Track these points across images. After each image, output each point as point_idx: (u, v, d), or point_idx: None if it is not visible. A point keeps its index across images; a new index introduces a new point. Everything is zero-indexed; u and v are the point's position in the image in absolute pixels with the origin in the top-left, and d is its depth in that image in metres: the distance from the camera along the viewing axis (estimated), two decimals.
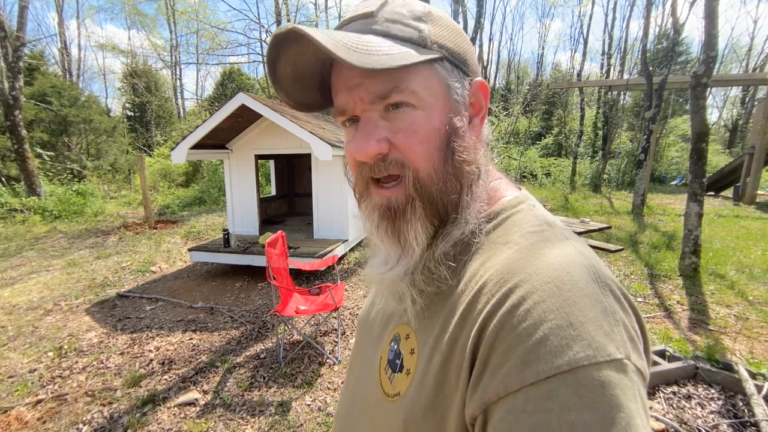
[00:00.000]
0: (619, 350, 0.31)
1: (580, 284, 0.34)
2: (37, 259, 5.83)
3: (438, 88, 0.43)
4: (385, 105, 0.42)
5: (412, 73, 0.41)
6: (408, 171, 0.43)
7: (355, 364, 0.61)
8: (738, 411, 2.13)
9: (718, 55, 4.92)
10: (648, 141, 9.45)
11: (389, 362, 0.48)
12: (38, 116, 12.94)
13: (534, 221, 0.44)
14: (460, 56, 0.45)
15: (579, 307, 0.32)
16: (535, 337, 0.32)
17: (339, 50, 0.36)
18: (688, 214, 4.80)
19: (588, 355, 0.30)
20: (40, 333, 3.46)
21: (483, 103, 0.47)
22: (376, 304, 0.58)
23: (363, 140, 0.43)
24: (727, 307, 3.90)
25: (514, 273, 0.37)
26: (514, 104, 19.40)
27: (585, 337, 0.31)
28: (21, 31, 9.52)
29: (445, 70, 0.43)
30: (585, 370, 0.30)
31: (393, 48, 0.40)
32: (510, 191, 0.50)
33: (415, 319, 0.46)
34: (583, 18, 24.01)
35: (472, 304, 0.39)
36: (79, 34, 25.84)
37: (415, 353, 0.44)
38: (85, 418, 2.33)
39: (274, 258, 2.96)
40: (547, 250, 0.39)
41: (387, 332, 0.52)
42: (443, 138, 0.43)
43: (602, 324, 0.32)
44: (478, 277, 0.41)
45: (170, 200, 11.96)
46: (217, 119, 4.92)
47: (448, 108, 0.44)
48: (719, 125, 30.37)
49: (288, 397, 2.50)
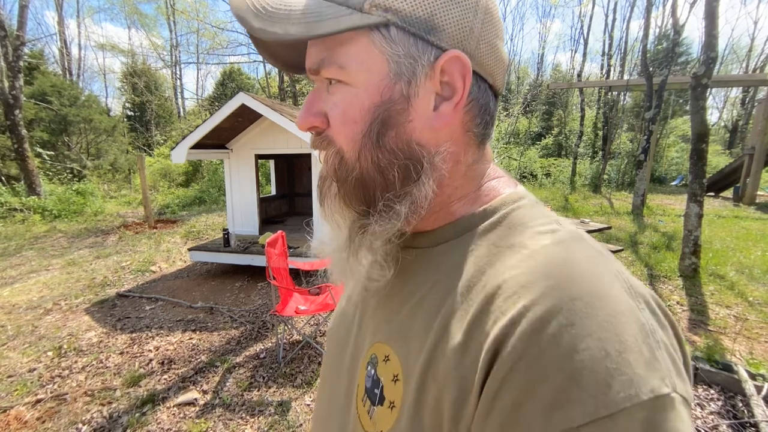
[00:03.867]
0: (665, 382, 0.25)
1: (613, 300, 0.28)
2: (37, 258, 5.83)
3: (375, 62, 0.35)
4: (321, 76, 0.38)
5: (345, 43, 0.35)
6: (332, 150, 0.39)
7: (323, 386, 0.50)
8: (737, 412, 2.14)
9: (718, 56, 4.93)
10: (648, 141, 9.46)
11: (366, 392, 0.39)
12: (38, 115, 12.95)
13: (542, 218, 0.37)
14: (423, 21, 0.34)
15: (615, 331, 0.26)
16: (564, 372, 0.25)
17: (248, 14, 0.33)
18: (688, 215, 4.80)
19: (630, 394, 0.24)
20: (39, 332, 3.46)
21: (458, 83, 0.36)
22: (350, 314, 0.49)
23: (303, 111, 0.39)
24: (726, 307, 3.90)
25: (531, 285, 0.30)
26: (514, 104, 19.41)
27: (625, 370, 0.25)
28: (21, 30, 9.53)
29: (388, 40, 0.35)
30: (628, 415, 0.24)
31: (320, 12, 0.33)
32: (506, 187, 0.42)
33: (395, 333, 0.38)
34: (583, 18, 24.00)
35: (476, 323, 0.31)
36: (79, 34, 25.90)
37: (400, 381, 0.35)
38: (85, 417, 2.33)
39: (274, 258, 2.96)
40: (565, 254, 0.32)
41: (362, 352, 0.42)
42: (371, 122, 0.36)
43: (642, 350, 0.26)
44: (479, 288, 0.33)
45: (170, 200, 11.96)
46: (217, 119, 4.92)
47: (384, 86, 0.36)
48: (719, 126, 30.38)
49: (288, 397, 2.50)
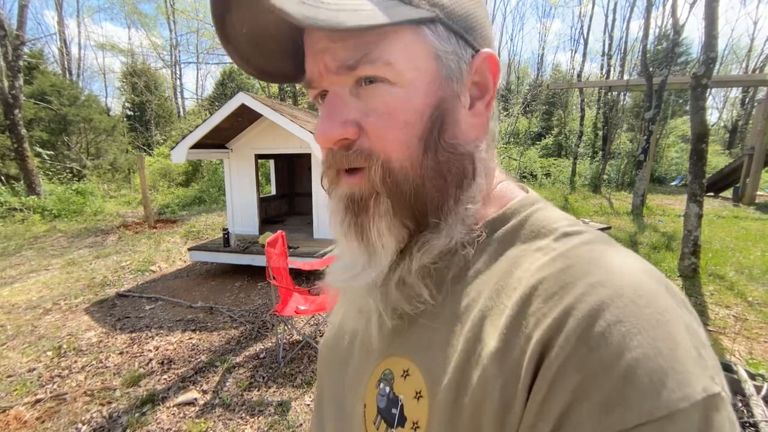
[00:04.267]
0: (714, 381, 0.25)
1: (656, 296, 0.27)
2: (37, 258, 5.83)
3: (424, 60, 0.33)
4: (356, 78, 0.33)
5: (389, 37, 0.32)
6: (375, 162, 0.34)
7: (324, 411, 0.47)
8: (737, 412, 2.14)
9: (718, 56, 4.93)
10: (648, 141, 9.46)
11: (380, 412, 0.36)
12: (38, 115, 12.94)
13: (564, 221, 0.35)
14: (463, 19, 0.34)
15: (665, 328, 0.25)
16: (617, 370, 0.24)
17: (288, 3, 0.28)
18: (687, 215, 4.80)
19: (686, 394, 0.23)
20: (39, 332, 3.46)
21: (490, 82, 0.37)
22: (345, 337, 0.45)
23: (326, 121, 0.34)
24: (726, 307, 3.90)
25: (571, 284, 0.28)
26: (514, 104, 19.41)
27: (678, 369, 0.24)
28: (21, 29, 9.53)
29: (437, 36, 0.33)
30: (685, 415, 0.23)
31: (364, 2, 0.31)
32: (519, 193, 0.41)
33: (416, 346, 0.35)
34: (583, 18, 24.02)
35: (514, 326, 0.29)
36: (79, 33, 25.87)
37: (424, 398, 0.32)
38: (84, 417, 2.33)
39: (274, 258, 2.96)
40: (598, 254, 0.30)
41: (370, 368, 0.39)
42: (427, 124, 0.34)
43: (690, 348, 0.25)
44: (509, 291, 0.32)
45: (170, 200, 11.96)
46: (217, 119, 4.92)
47: (436, 85, 0.34)
48: (719, 126, 30.39)
49: (287, 397, 2.50)
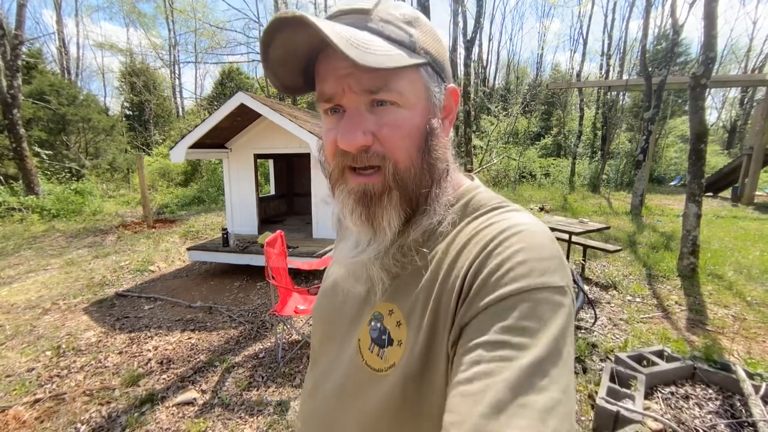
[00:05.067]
0: (566, 281, 0.41)
1: (539, 237, 0.44)
2: (35, 258, 5.82)
3: (421, 91, 0.47)
4: (371, 99, 0.45)
5: (401, 74, 0.45)
6: (389, 163, 0.46)
7: (320, 357, 0.61)
8: (735, 411, 2.14)
9: (717, 56, 4.93)
10: (647, 141, 9.47)
11: (373, 341, 0.50)
12: (36, 115, 12.90)
13: (495, 200, 0.52)
14: (441, 63, 0.49)
15: (538, 252, 0.42)
16: (502, 270, 0.40)
17: (342, 44, 0.38)
18: (686, 215, 4.81)
19: (542, 281, 0.39)
20: (38, 332, 3.45)
21: (453, 107, 0.52)
22: (339, 294, 0.59)
23: (350, 131, 0.45)
24: (725, 307, 3.91)
25: (489, 233, 0.45)
26: (513, 104, 19.40)
27: (544, 268, 0.40)
28: (19, 29, 9.48)
29: (428, 75, 0.47)
30: (545, 289, 0.39)
31: (388, 49, 0.43)
32: (466, 180, 0.57)
33: (396, 294, 0.50)
34: (582, 18, 24.06)
35: (454, 263, 0.46)
36: (78, 33, 25.86)
37: (403, 324, 0.48)
38: (84, 417, 2.33)
39: (273, 257, 2.96)
40: (510, 215, 0.48)
41: (363, 315, 0.53)
42: (423, 136, 0.47)
43: (556, 260, 0.42)
44: (456, 245, 0.47)
45: (169, 199, 11.95)
46: (216, 118, 4.92)
47: (427, 110, 0.48)
48: (718, 126, 30.42)
49: (287, 396, 2.50)
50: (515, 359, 0.35)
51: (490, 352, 0.37)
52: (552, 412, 0.33)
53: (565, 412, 0.34)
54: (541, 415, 0.33)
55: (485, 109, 20.14)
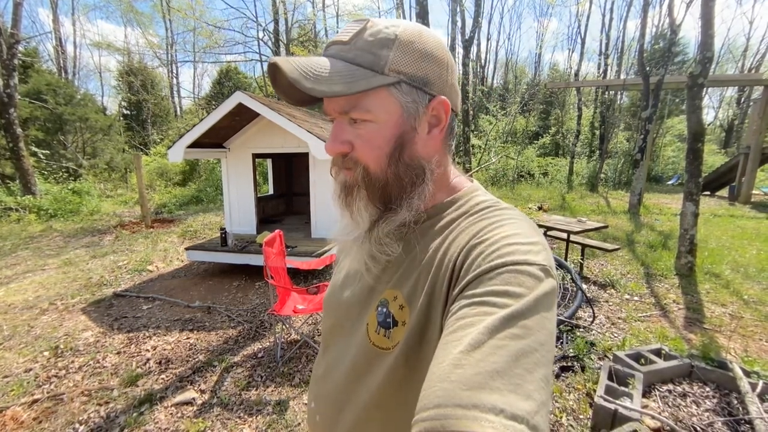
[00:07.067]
0: (545, 261, 0.45)
1: (525, 227, 0.49)
2: (33, 258, 5.79)
3: (392, 107, 0.52)
4: (348, 117, 0.53)
5: (369, 95, 0.51)
6: (360, 167, 0.54)
7: (331, 343, 0.68)
8: (732, 409, 2.15)
9: (714, 56, 4.95)
10: (645, 141, 9.49)
11: (380, 324, 0.56)
12: (33, 114, 12.83)
13: (491, 200, 0.59)
14: (421, 79, 0.53)
15: (523, 237, 0.47)
16: (489, 250, 0.45)
17: (300, 79, 0.47)
18: (684, 214, 4.83)
19: (525, 258, 0.43)
20: (35, 332, 3.44)
21: (443, 117, 0.56)
22: (349, 285, 0.66)
23: (331, 140, 0.54)
24: (722, 305, 3.93)
25: (481, 225, 0.51)
26: (511, 104, 19.41)
27: (523, 251, 0.45)
28: (15, 28, 9.44)
29: (400, 92, 0.52)
30: (521, 265, 0.43)
31: (353, 74, 0.49)
32: (467, 183, 0.63)
33: (399, 282, 0.57)
34: (580, 18, 23.97)
35: (447, 251, 0.52)
36: (74, 32, 25.70)
37: (405, 307, 0.54)
38: (82, 417, 2.32)
39: (272, 257, 2.95)
40: (500, 211, 0.54)
41: (371, 302, 0.59)
42: (392, 147, 0.53)
43: (538, 247, 0.46)
44: (452, 238, 0.53)
45: (167, 199, 11.90)
46: (214, 118, 4.90)
47: (401, 123, 0.53)
48: (715, 125, 30.52)
49: (286, 396, 2.50)
50: (496, 313, 0.39)
51: (473, 308, 0.40)
52: (528, 356, 0.36)
53: (541, 357, 0.37)
54: (516, 356, 0.36)
55: (484, 108, 20.14)
